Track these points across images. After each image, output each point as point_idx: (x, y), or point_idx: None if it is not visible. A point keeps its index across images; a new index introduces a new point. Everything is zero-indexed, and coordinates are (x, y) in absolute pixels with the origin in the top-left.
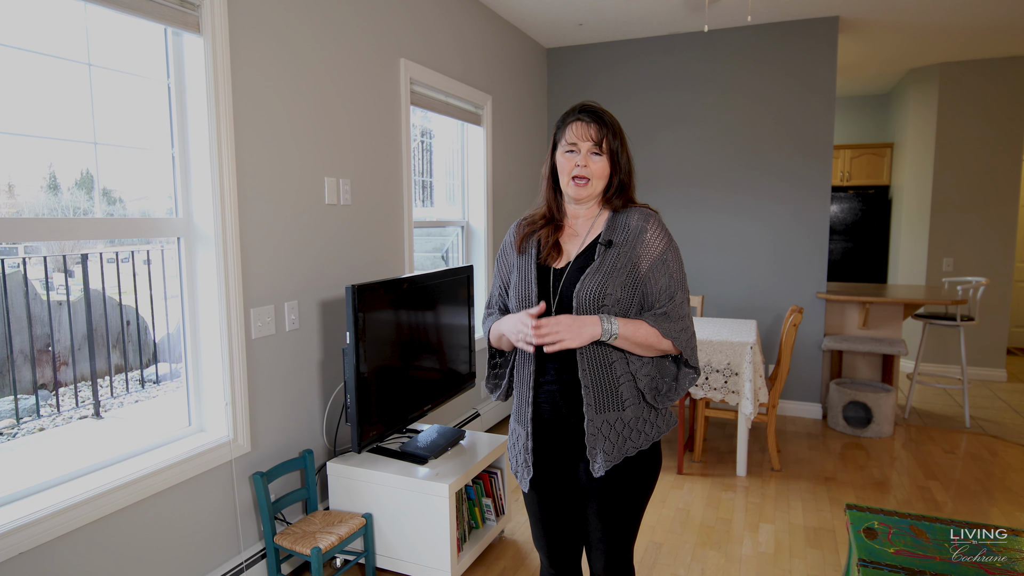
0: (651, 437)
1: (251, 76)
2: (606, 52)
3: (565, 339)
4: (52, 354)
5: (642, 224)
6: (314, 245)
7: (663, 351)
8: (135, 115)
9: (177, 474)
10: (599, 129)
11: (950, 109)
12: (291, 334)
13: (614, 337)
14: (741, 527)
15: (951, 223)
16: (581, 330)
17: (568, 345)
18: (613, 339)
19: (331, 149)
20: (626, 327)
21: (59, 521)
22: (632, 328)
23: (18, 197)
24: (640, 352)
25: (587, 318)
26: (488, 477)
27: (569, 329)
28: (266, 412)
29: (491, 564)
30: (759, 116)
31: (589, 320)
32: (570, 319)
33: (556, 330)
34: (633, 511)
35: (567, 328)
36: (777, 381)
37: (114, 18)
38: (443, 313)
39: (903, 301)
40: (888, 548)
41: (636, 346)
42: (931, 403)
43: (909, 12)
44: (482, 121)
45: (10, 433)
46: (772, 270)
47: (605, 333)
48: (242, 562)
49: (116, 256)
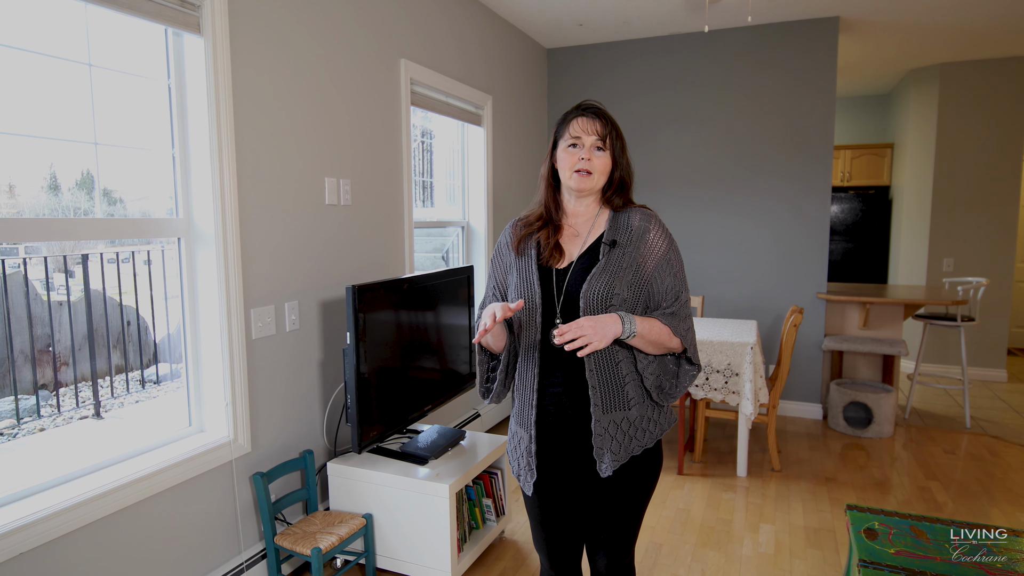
0: (654, 435)
1: (251, 76)
2: (606, 52)
3: (592, 341)
4: (53, 354)
5: (644, 225)
6: (314, 245)
7: (670, 349)
8: (136, 115)
9: (177, 474)
10: (603, 124)
11: (950, 109)
12: (291, 334)
13: (632, 335)
14: (741, 527)
15: (952, 223)
16: (605, 330)
17: (596, 347)
18: (631, 337)
19: (331, 149)
20: (643, 325)
21: (60, 521)
22: (648, 326)
23: (19, 197)
24: (650, 350)
25: (606, 317)
26: (488, 477)
27: (594, 331)
28: (266, 412)
29: (491, 564)
30: (759, 116)
31: (609, 319)
32: (591, 321)
33: (582, 333)
34: (636, 510)
35: (592, 330)
36: (777, 381)
37: (114, 18)
38: (443, 313)
39: (903, 301)
40: (888, 549)
41: (649, 344)
42: (931, 403)
43: (909, 12)
44: (482, 121)
45: (11, 433)
46: (772, 270)
47: (625, 331)
48: (242, 562)
49: (116, 256)
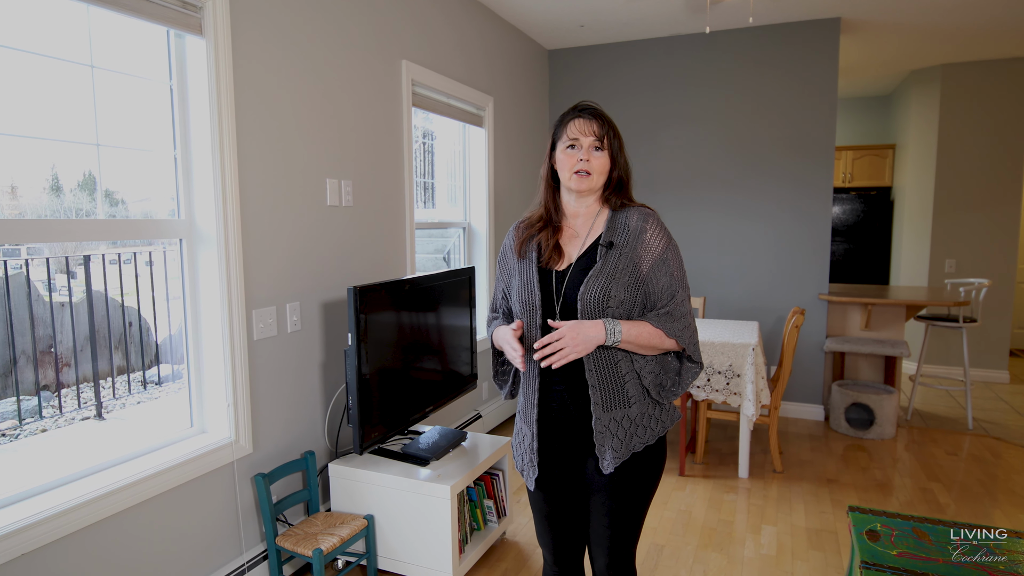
0: (656, 432)
1: (253, 78)
2: (607, 53)
3: (570, 352)
4: (54, 355)
5: (641, 224)
6: (316, 246)
7: (667, 349)
8: (137, 117)
9: (179, 475)
10: (600, 125)
11: (952, 110)
12: (293, 335)
13: (617, 341)
14: (743, 529)
15: (953, 224)
16: (586, 338)
17: (575, 356)
18: (617, 343)
19: (333, 150)
20: (629, 330)
21: (62, 523)
22: (636, 331)
23: (21, 198)
24: (644, 352)
25: (588, 324)
26: (490, 479)
27: (573, 340)
28: (268, 413)
29: (493, 566)
30: (761, 117)
31: (591, 327)
32: (572, 330)
33: (561, 346)
34: (638, 507)
35: (571, 340)
36: (779, 383)
37: (116, 20)
38: (445, 314)
39: (905, 303)
40: (891, 550)
41: (640, 347)
42: (933, 405)
43: (911, 13)
44: (484, 122)
45: (12, 434)
46: (774, 271)
47: (609, 337)
48: (244, 563)
49: (118, 257)
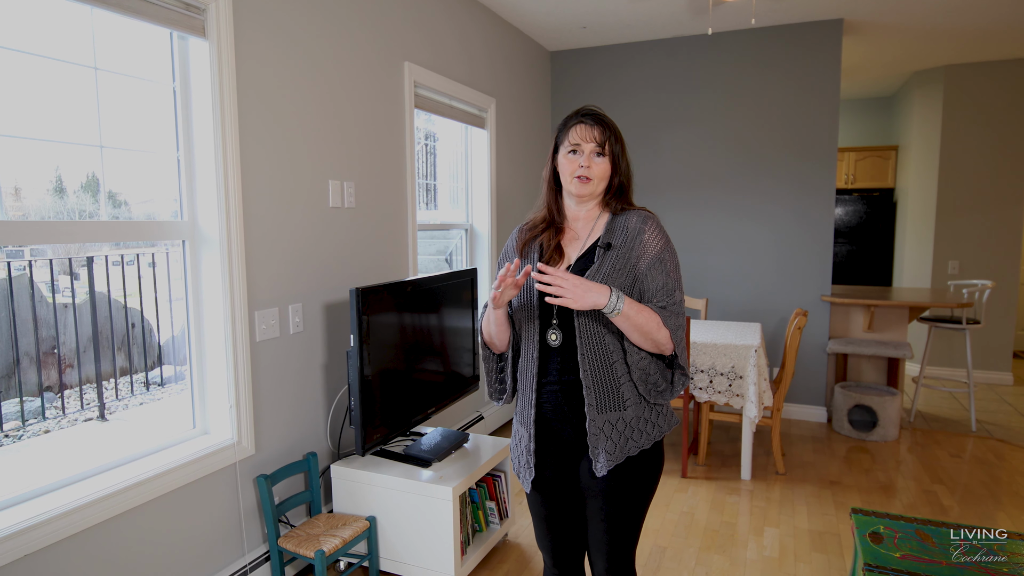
0: (653, 436)
1: (256, 80)
2: (610, 55)
3: (568, 297)
4: (57, 356)
5: (640, 225)
6: (318, 248)
7: (658, 343)
8: (141, 118)
9: (181, 477)
10: (602, 131)
11: (955, 111)
12: (295, 337)
13: (617, 312)
14: (746, 531)
15: (956, 226)
16: (586, 293)
17: (569, 304)
18: (616, 314)
19: (335, 152)
20: (631, 306)
21: (64, 523)
22: (636, 308)
23: (24, 200)
24: (635, 336)
25: (596, 284)
26: (492, 480)
27: (575, 288)
28: (270, 415)
29: (495, 567)
30: (763, 119)
31: (597, 288)
32: (579, 280)
33: (563, 285)
34: (635, 511)
35: (573, 286)
36: (782, 384)
37: (120, 22)
38: (447, 316)
39: (908, 304)
40: (894, 552)
41: (635, 328)
42: (937, 407)
43: (913, 15)
44: (486, 124)
45: (16, 435)
46: (776, 273)
47: (609, 304)
48: (246, 565)
49: (121, 259)
